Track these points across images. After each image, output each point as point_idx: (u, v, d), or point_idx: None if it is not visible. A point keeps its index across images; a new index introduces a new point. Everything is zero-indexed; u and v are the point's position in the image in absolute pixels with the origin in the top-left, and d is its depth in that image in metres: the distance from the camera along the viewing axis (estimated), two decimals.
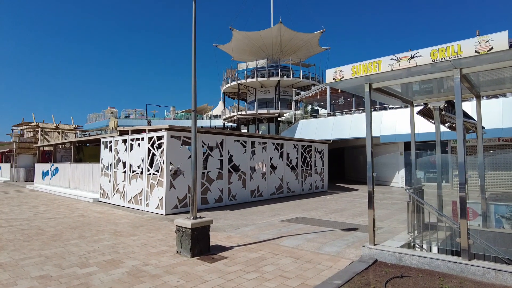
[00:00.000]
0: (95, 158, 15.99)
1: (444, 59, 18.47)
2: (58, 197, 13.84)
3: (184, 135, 9.67)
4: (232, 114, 38.89)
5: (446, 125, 8.19)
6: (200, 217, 5.48)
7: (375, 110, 19.73)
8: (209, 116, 56.00)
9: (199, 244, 5.26)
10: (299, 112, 25.80)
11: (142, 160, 9.98)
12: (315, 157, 15.47)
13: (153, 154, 9.69)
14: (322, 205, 11.00)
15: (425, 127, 16.91)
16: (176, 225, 5.41)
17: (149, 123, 45.98)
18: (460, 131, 4.88)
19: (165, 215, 9.03)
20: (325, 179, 16.20)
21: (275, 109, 37.00)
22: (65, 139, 21.82)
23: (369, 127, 5.40)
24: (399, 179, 18.48)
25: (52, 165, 16.52)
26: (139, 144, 10.23)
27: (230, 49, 40.95)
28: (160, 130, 9.51)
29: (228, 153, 11.04)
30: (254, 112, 37.04)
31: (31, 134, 23.21)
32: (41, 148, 20.04)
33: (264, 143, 12.58)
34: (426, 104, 7.68)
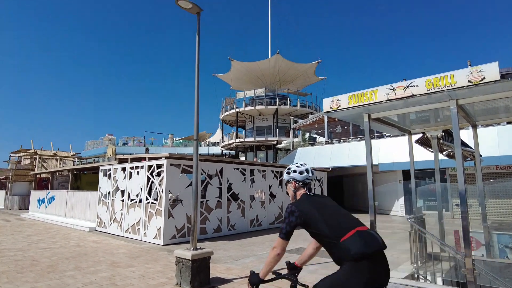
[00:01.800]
0: (93, 186, 15.84)
1: (439, 88, 18.97)
2: (54, 225, 13.56)
3: (184, 163, 9.68)
4: (231, 141, 39.08)
5: (444, 153, 8.27)
6: (200, 248, 5.39)
7: (372, 138, 19.92)
8: (208, 143, 56.18)
9: (199, 276, 5.13)
10: (297, 139, 25.99)
11: (141, 189, 9.91)
12: (314, 186, 15.38)
13: (152, 183, 9.64)
14: None
15: (423, 155, 17.02)
16: (176, 256, 5.30)
17: (147, 150, 45.97)
18: (459, 160, 4.93)
19: (163, 245, 8.84)
20: None
21: (273, 136, 37.28)
22: (63, 166, 21.69)
23: (369, 156, 5.44)
24: (399, 207, 18.36)
25: (49, 192, 16.31)
26: (138, 172, 10.20)
27: (229, 78, 41.90)
28: (160, 158, 9.52)
29: (228, 181, 11.01)
30: (252, 139, 37.26)
31: (28, 161, 23.09)
32: (38, 176, 19.88)
33: (263, 171, 12.58)
34: (423, 133, 7.78)
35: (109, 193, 11.50)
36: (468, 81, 17.32)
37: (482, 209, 6.66)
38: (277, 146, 32.72)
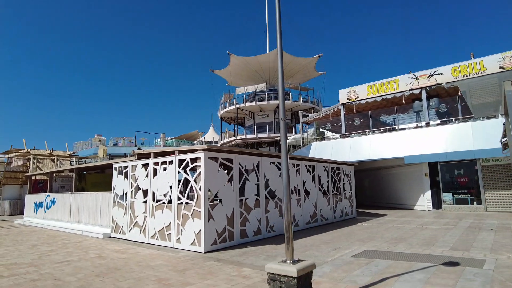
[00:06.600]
0: (98, 187, 14.27)
1: (467, 76, 17.64)
2: (58, 232, 11.94)
3: (222, 157, 8.32)
4: (231, 138, 37.67)
5: None
6: (299, 260, 4.07)
7: (394, 130, 18.95)
8: (201, 142, 54.72)
9: None
10: (308, 134, 24.86)
11: (171, 187, 8.48)
12: (343, 181, 14.24)
13: (186, 180, 8.24)
14: (374, 234, 9.64)
15: (454, 145, 16.04)
16: (269, 273, 3.97)
17: (133, 151, 44.07)
18: None
19: (204, 253, 7.46)
20: (354, 205, 14.91)
21: (275, 133, 36.09)
22: (60, 166, 19.86)
23: None
24: (424, 202, 17.37)
25: (48, 195, 14.58)
26: (165, 169, 8.77)
27: (227, 74, 40.43)
28: (195, 151, 8.13)
29: (264, 177, 9.69)
30: (254, 136, 35.96)
31: (20, 162, 21.10)
32: (33, 177, 18.02)
33: (298, 165, 11.32)
34: None
35: (126, 193, 10.00)
36: (500, 68, 16.42)
37: None
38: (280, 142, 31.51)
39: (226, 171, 9.06)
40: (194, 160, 8.06)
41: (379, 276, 5.16)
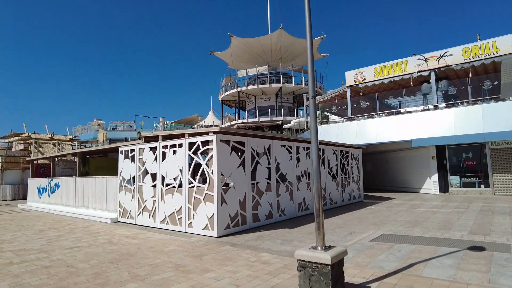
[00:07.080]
0: (102, 171, 14.03)
1: (478, 57, 17.14)
2: (64, 217, 11.78)
3: (234, 140, 8.04)
4: (233, 122, 37.30)
5: None
6: (330, 247, 3.86)
7: (401, 113, 18.63)
8: (201, 126, 54.39)
9: (337, 286, 3.63)
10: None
11: (181, 171, 8.24)
12: (351, 164, 14.04)
13: (196, 163, 7.98)
14: (386, 218, 9.50)
15: (464, 128, 15.76)
16: (300, 260, 3.75)
17: (139, 134, 43.67)
18: None
19: (218, 237, 7.30)
20: (361, 188, 14.77)
21: (277, 116, 35.72)
22: (61, 151, 19.56)
23: None
24: (431, 185, 17.27)
25: (51, 180, 14.36)
26: (174, 152, 8.50)
27: (227, 56, 39.60)
28: (206, 133, 7.84)
29: (276, 160, 9.45)
30: (256, 120, 35.60)
31: (21, 147, 20.77)
32: (35, 162, 17.76)
33: (308, 148, 11.06)
34: None
35: (133, 177, 9.77)
36: None
37: None
38: (285, 126, 31.19)
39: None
40: (205, 143, 7.78)
41: (405, 261, 4.99)
